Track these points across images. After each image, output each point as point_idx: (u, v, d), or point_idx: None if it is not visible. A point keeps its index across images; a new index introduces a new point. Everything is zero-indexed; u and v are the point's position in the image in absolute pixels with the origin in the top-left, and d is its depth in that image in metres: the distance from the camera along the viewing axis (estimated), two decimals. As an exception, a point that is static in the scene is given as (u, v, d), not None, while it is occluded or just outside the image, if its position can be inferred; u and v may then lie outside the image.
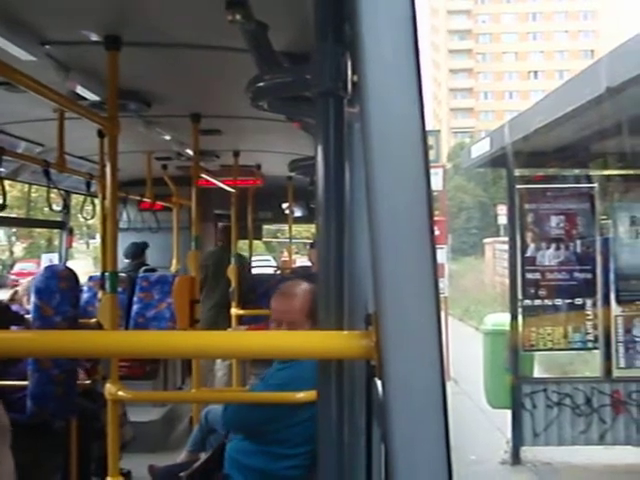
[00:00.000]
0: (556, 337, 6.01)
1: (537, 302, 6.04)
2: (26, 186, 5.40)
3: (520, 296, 6.05)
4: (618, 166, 6.34)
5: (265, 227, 11.85)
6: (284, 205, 7.71)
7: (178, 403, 5.58)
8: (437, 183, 10.35)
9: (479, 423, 7.29)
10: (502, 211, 33.87)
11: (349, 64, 1.16)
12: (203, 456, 3.20)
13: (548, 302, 6.03)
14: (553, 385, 6.07)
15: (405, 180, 0.80)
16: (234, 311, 5.47)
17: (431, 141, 10.49)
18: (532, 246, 6.06)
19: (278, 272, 9.48)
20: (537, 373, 6.96)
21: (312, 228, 11.17)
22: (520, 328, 6.01)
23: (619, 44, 4.27)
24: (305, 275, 5.08)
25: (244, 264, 6.63)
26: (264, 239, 16.03)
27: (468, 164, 7.74)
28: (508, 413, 6.08)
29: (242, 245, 7.99)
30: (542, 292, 6.03)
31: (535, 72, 74.35)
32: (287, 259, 9.82)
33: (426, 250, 0.79)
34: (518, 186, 6.14)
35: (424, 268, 0.79)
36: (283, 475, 2.59)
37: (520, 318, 6.02)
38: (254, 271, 8.40)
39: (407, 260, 0.79)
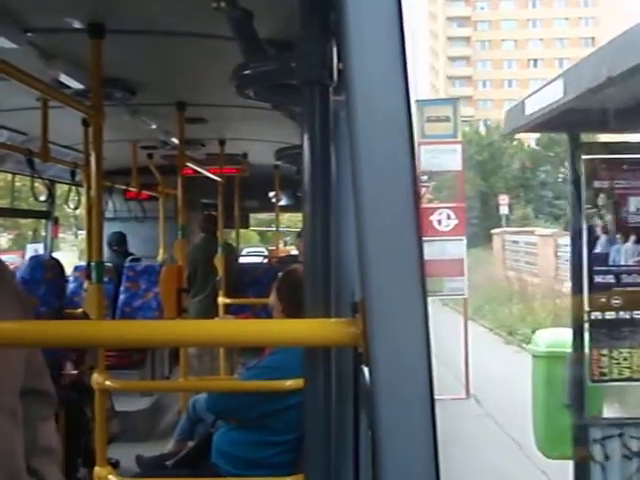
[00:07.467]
0: (636, 363, 4.08)
1: (610, 315, 4.13)
2: (9, 175, 5.35)
3: (586, 307, 4.13)
4: None
5: (258, 217, 11.75)
6: (271, 194, 7.70)
7: (166, 392, 5.58)
8: (456, 161, 8.82)
9: (516, 464, 5.62)
10: (504, 201, 32.33)
11: (335, 52, 1.16)
12: (191, 445, 3.21)
13: (625, 315, 4.14)
14: (632, 429, 4.16)
15: (391, 168, 0.80)
16: (221, 300, 5.48)
17: (448, 112, 9.17)
18: (603, 239, 4.02)
19: (266, 261, 9.46)
20: (609, 412, 4.90)
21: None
22: (586, 350, 4.13)
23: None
24: (293, 264, 5.09)
25: (232, 253, 6.62)
26: (258, 229, 15.91)
27: (517, 125, 4.43)
28: (569, 465, 4.16)
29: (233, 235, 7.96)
30: (617, 301, 4.09)
31: (535, 60, 73.44)
32: (276, 248, 9.79)
33: (412, 237, 0.80)
34: (584, 156, 4.00)
35: (410, 255, 0.80)
36: (270, 462, 2.61)
37: (587, 336, 4.15)
38: (242, 261, 8.39)
39: (393, 247, 0.80)
